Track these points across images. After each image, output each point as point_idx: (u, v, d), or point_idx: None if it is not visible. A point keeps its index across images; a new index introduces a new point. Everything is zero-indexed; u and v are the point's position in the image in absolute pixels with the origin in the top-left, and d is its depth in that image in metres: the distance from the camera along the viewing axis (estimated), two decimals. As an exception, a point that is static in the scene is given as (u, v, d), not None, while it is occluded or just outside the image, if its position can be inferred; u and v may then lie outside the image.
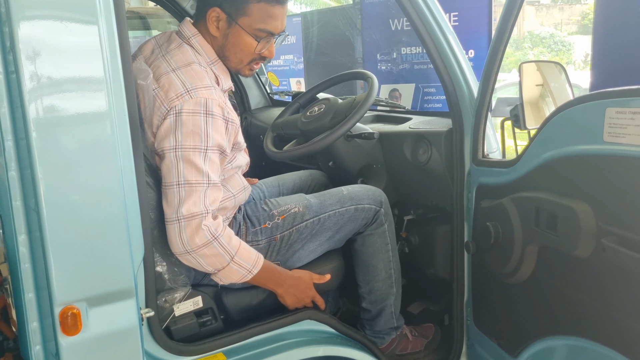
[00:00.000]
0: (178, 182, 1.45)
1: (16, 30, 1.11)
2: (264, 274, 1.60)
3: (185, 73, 1.51)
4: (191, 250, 1.46)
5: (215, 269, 1.52)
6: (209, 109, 1.47)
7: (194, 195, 1.45)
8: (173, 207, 1.45)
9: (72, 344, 1.21)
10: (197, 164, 1.46)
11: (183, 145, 1.45)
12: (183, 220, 1.45)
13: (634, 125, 1.16)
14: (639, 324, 1.20)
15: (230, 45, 1.60)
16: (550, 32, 22.62)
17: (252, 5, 1.55)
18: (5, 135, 1.18)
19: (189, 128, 1.45)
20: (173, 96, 1.46)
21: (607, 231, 1.24)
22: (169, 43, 1.61)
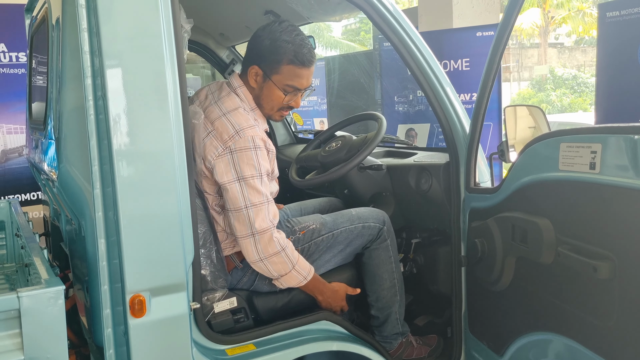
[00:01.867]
0: (246, 205, 1.83)
1: (107, 82, 1.49)
2: (313, 283, 1.98)
3: (233, 116, 1.91)
4: (264, 258, 1.84)
5: (279, 274, 1.90)
6: (256, 144, 1.86)
7: (260, 213, 1.83)
8: (246, 225, 1.83)
9: (138, 324, 1.55)
10: (257, 188, 1.84)
11: (243, 176, 1.83)
12: (257, 234, 1.82)
13: (578, 156, 1.48)
14: (589, 315, 1.49)
15: (264, 95, 2.00)
16: (573, 73, 22.85)
17: (283, 66, 1.94)
18: (93, 161, 1.54)
19: (244, 161, 1.83)
20: (226, 138, 1.85)
21: (562, 241, 1.54)
22: (220, 91, 2.02)
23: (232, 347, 1.80)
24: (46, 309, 1.39)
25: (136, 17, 1.53)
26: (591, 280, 1.45)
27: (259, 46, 1.96)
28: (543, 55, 25.00)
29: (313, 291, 2.02)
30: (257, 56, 1.97)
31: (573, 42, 26.99)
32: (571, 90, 21.81)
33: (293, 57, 1.93)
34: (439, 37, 5.13)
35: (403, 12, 2.07)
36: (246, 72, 2.00)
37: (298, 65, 1.94)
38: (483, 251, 1.89)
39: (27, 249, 2.02)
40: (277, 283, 1.95)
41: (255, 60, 1.97)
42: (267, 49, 1.93)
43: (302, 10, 2.39)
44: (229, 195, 1.85)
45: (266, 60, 1.95)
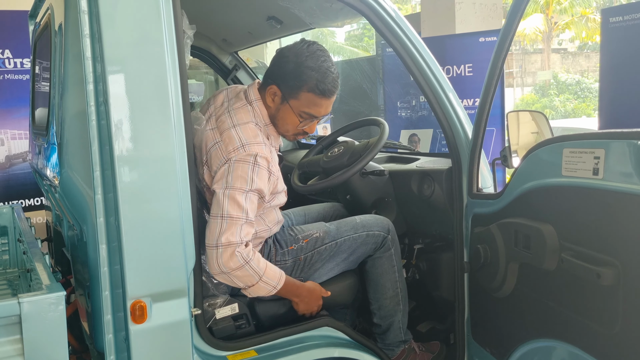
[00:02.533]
0: (222, 214, 1.76)
1: (108, 88, 1.50)
2: (286, 288, 1.91)
3: (243, 129, 1.85)
4: (226, 271, 1.76)
5: (246, 285, 1.83)
6: (257, 161, 1.80)
7: (233, 227, 1.75)
8: (214, 235, 1.75)
9: (139, 330, 1.55)
10: (239, 202, 1.77)
11: (232, 186, 1.77)
12: (221, 247, 1.74)
13: (581, 162, 1.47)
14: (593, 322, 1.48)
15: (279, 117, 1.95)
16: (577, 79, 22.84)
17: (302, 93, 1.89)
18: (94, 166, 1.54)
19: (237, 173, 1.78)
20: (231, 149, 1.81)
21: (566, 247, 1.53)
22: (236, 100, 1.97)
23: (234, 354, 1.80)
24: (47, 314, 1.39)
25: (138, 23, 1.54)
26: (595, 287, 1.44)
27: (282, 67, 1.90)
28: (546, 61, 25.01)
29: (287, 295, 1.95)
30: (278, 76, 1.91)
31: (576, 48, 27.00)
32: (575, 96, 21.81)
33: (314, 86, 1.87)
34: (442, 42, 5.13)
35: (406, 17, 2.07)
36: (265, 89, 1.96)
37: (318, 95, 1.89)
38: (486, 257, 1.88)
39: (29, 254, 2.02)
40: (246, 293, 1.87)
41: (276, 79, 1.92)
42: (290, 71, 1.88)
43: (305, 16, 2.39)
44: (214, 200, 1.80)
45: (287, 83, 1.90)
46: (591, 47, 24.93)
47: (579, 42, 25.84)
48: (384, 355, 2.10)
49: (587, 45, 25.37)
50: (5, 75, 4.72)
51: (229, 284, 1.84)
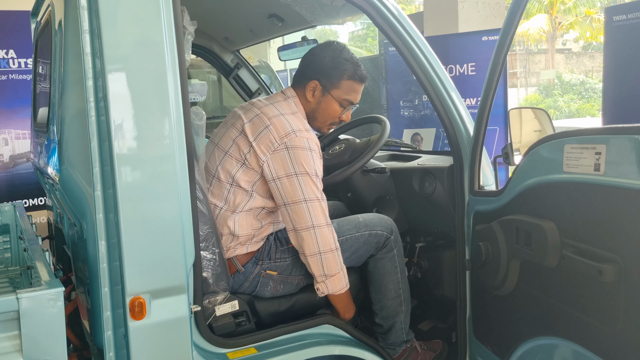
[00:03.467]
0: (304, 198, 1.89)
1: (108, 84, 1.49)
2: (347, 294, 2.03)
3: (291, 118, 1.99)
4: (322, 252, 1.90)
5: (329, 273, 1.93)
6: (311, 146, 1.94)
7: (319, 208, 1.91)
8: (305, 218, 1.89)
9: (138, 327, 1.55)
10: (315, 184, 1.91)
11: (301, 171, 1.89)
12: (317, 227, 1.89)
13: (583, 158, 1.46)
14: (594, 319, 1.46)
15: (321, 109, 2.10)
16: (581, 79, 22.77)
17: (343, 81, 2.07)
18: (94, 163, 1.54)
19: (300, 158, 1.90)
20: (283, 134, 1.92)
21: (567, 244, 1.52)
22: (276, 97, 2.12)
23: (234, 351, 1.79)
24: (45, 310, 1.39)
25: (138, 20, 1.53)
26: (596, 284, 1.43)
27: (319, 63, 2.07)
28: (550, 61, 24.95)
29: (343, 300, 2.04)
30: (316, 72, 2.06)
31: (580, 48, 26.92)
32: (579, 96, 21.74)
33: (353, 73, 2.06)
34: (445, 41, 5.12)
35: (410, 17, 2.07)
36: (303, 86, 2.09)
37: (357, 80, 2.09)
38: (487, 255, 1.87)
39: (29, 251, 2.02)
40: (323, 285, 1.95)
41: (315, 75, 2.07)
42: (328, 65, 2.05)
43: (306, 13, 2.39)
44: (285, 189, 1.91)
45: (327, 76, 2.06)
46: (595, 47, 24.85)
47: (583, 42, 25.75)
48: (385, 354, 2.09)
49: (592, 46, 25.29)
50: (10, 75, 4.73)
51: (315, 268, 1.93)
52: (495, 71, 1.90)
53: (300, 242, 1.92)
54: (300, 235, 1.91)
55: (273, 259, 2.04)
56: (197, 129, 1.83)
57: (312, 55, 2.11)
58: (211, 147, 2.11)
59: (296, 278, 2.07)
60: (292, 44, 2.99)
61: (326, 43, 2.13)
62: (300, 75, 2.12)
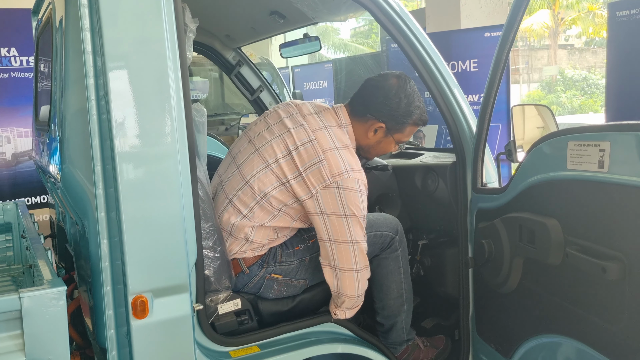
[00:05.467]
0: (352, 240, 1.89)
1: (109, 82, 1.49)
2: None
3: (346, 154, 1.93)
4: (361, 294, 1.96)
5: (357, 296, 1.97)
6: (361, 188, 1.91)
7: (363, 251, 1.93)
8: (351, 260, 1.91)
9: (140, 326, 1.54)
10: (361, 226, 1.91)
11: (352, 213, 1.88)
12: (360, 271, 1.93)
13: (587, 154, 1.45)
14: (598, 317, 1.46)
15: (378, 147, 2.12)
16: (584, 75, 22.70)
17: (408, 128, 2.09)
18: (95, 161, 1.54)
19: (352, 200, 1.87)
20: (336, 172, 1.88)
21: (571, 241, 1.51)
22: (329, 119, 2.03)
23: (236, 349, 1.79)
24: (47, 309, 1.38)
25: (139, 17, 1.53)
26: (600, 282, 1.42)
27: (392, 107, 2.02)
28: (553, 57, 24.87)
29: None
30: (386, 115, 2.02)
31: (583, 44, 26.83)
32: (581, 92, 21.67)
33: (418, 118, 2.08)
34: (447, 38, 5.10)
35: (411, 13, 2.05)
36: (363, 120, 2.04)
37: (420, 126, 2.13)
38: (490, 252, 1.86)
39: (31, 250, 2.02)
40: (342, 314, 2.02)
41: (383, 117, 2.03)
42: (401, 112, 2.03)
43: (308, 10, 2.38)
44: (333, 226, 1.89)
45: (395, 120, 2.04)
46: (598, 43, 24.76)
47: (585, 38, 25.67)
48: (387, 352, 2.09)
49: (594, 41, 25.19)
50: (12, 73, 4.73)
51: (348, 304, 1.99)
52: (498, 68, 1.89)
53: (340, 281, 1.94)
54: (342, 274, 1.93)
55: (278, 262, 2.03)
56: (198, 126, 1.82)
57: (385, 94, 2.02)
58: (249, 147, 2.03)
59: (300, 281, 2.06)
60: (294, 41, 2.99)
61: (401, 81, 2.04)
62: (364, 105, 2.04)
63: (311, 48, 2.92)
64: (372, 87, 2.06)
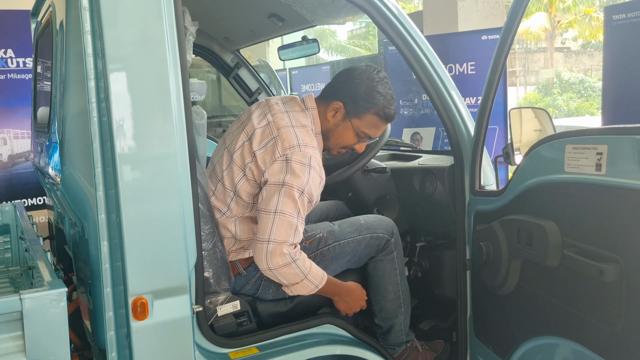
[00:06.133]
0: (276, 210, 1.79)
1: (110, 85, 1.49)
2: (327, 287, 1.94)
3: (301, 132, 1.92)
4: (273, 268, 1.79)
5: (290, 283, 1.86)
6: (311, 163, 1.86)
7: (284, 225, 1.79)
8: (266, 230, 1.79)
9: (140, 327, 1.55)
10: (294, 200, 1.81)
11: (289, 183, 1.81)
12: (272, 243, 1.78)
13: (584, 158, 1.46)
14: (596, 319, 1.47)
15: (336, 132, 2.04)
16: (580, 77, 22.78)
17: (368, 115, 2.00)
18: (96, 163, 1.54)
19: (295, 173, 1.82)
20: (287, 146, 1.86)
21: (568, 244, 1.53)
22: (293, 105, 2.04)
23: (235, 351, 1.79)
24: (48, 310, 1.39)
25: (139, 20, 1.53)
26: (598, 284, 1.43)
27: (352, 87, 1.99)
28: (549, 60, 24.95)
29: (327, 294, 2.00)
30: (345, 94, 2.00)
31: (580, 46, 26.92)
32: (578, 95, 21.74)
33: (381, 109, 1.99)
34: (445, 40, 5.13)
35: (409, 16, 2.06)
36: (327, 103, 2.03)
37: (382, 118, 2.02)
38: (488, 254, 1.87)
39: (30, 251, 2.02)
40: (287, 290, 1.91)
41: (343, 97, 2.00)
42: (361, 93, 1.98)
43: (306, 13, 2.39)
44: (266, 194, 1.84)
45: (354, 103, 1.99)
46: (594, 46, 24.86)
47: (582, 41, 25.75)
48: (386, 353, 2.09)
49: (591, 44, 25.29)
50: (8, 74, 4.72)
51: (275, 280, 1.87)
52: (496, 71, 1.90)
53: (253, 252, 1.84)
54: (254, 245, 1.82)
55: None
56: (198, 128, 1.83)
57: (348, 75, 2.03)
58: (222, 146, 2.07)
59: None
60: (292, 43, 3.00)
61: (369, 68, 2.04)
62: (330, 90, 2.06)
63: (309, 50, 2.93)
64: (340, 73, 2.07)
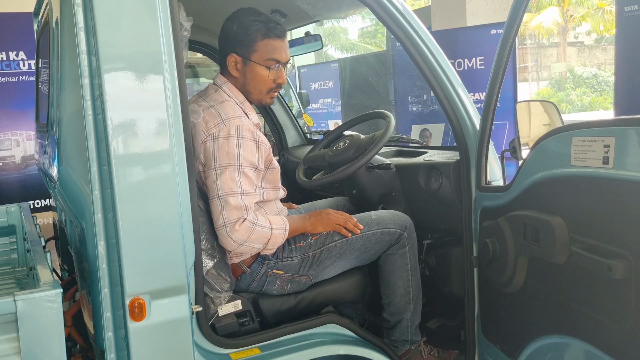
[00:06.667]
0: (218, 194, 1.79)
1: (104, 82, 1.47)
2: (293, 225, 1.96)
3: (220, 107, 1.91)
4: (242, 242, 1.80)
5: (264, 244, 1.86)
6: (240, 134, 1.83)
7: (231, 202, 1.79)
8: (218, 215, 1.79)
9: (138, 328, 1.52)
10: (232, 178, 1.80)
11: (220, 164, 1.81)
12: (228, 224, 1.78)
13: (591, 151, 1.41)
14: (604, 317, 1.42)
15: (249, 80, 1.99)
16: (594, 72, 22.52)
17: (258, 43, 1.95)
18: (91, 162, 1.52)
19: (224, 150, 1.81)
20: (211, 125, 1.85)
21: (576, 240, 1.48)
22: (207, 91, 2.04)
23: (236, 351, 1.77)
24: (43, 312, 1.37)
25: (133, 16, 1.51)
26: (606, 281, 1.38)
27: (229, 34, 1.97)
28: (562, 54, 24.68)
29: (299, 230, 2.00)
30: (230, 44, 1.97)
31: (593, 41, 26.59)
32: (591, 89, 21.50)
33: (266, 31, 1.95)
34: (453, 35, 5.06)
35: (416, 11, 2.03)
36: (225, 65, 2.00)
37: (273, 37, 1.96)
38: (494, 251, 1.83)
39: (32, 252, 2.01)
40: (267, 251, 1.92)
41: (230, 48, 1.97)
42: (237, 33, 1.95)
43: (308, 8, 2.35)
44: (208, 181, 1.84)
45: (240, 44, 1.95)
46: (608, 40, 24.53)
47: (595, 35, 25.44)
48: (391, 353, 2.06)
49: (604, 38, 24.97)
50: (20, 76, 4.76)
51: (250, 252, 1.90)
52: (500, 64, 1.85)
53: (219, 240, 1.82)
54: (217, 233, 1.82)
55: (280, 258, 2.01)
56: (194, 127, 1.80)
57: (222, 32, 2.01)
58: None
59: (304, 277, 2.04)
60: (296, 39, 2.97)
61: (232, 14, 2.01)
62: (220, 55, 2.03)
63: (313, 46, 2.90)
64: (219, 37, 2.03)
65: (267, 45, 1.95)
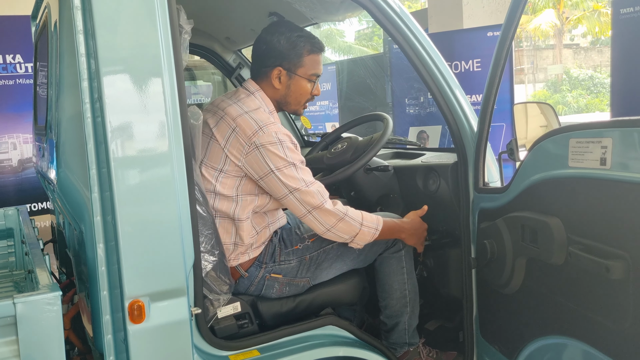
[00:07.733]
0: (290, 190, 1.88)
1: (103, 85, 1.47)
2: (387, 229, 2.02)
3: (256, 114, 1.94)
4: (330, 227, 1.91)
5: (351, 236, 1.95)
6: (280, 138, 1.90)
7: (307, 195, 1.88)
8: (299, 207, 1.89)
9: (137, 330, 1.52)
10: (292, 175, 1.88)
11: (276, 167, 1.87)
12: (314, 210, 1.89)
13: (588, 152, 1.42)
14: (603, 318, 1.43)
15: (292, 92, 2.06)
16: (590, 74, 22.59)
17: (305, 58, 2.04)
18: (90, 165, 1.52)
19: (274, 154, 1.87)
20: (250, 134, 1.89)
21: (574, 240, 1.48)
22: (238, 94, 2.07)
23: (236, 353, 1.77)
24: (42, 315, 1.37)
25: (132, 19, 1.51)
26: (604, 281, 1.39)
27: (274, 48, 2.02)
28: (558, 56, 24.77)
29: (393, 235, 2.07)
30: (276, 58, 2.02)
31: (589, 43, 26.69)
32: (587, 91, 21.57)
33: (311, 46, 2.04)
34: (450, 37, 5.08)
35: (413, 14, 2.04)
36: (266, 76, 2.05)
37: (317, 52, 2.07)
38: (492, 253, 1.84)
39: (30, 255, 2.01)
40: (353, 244, 1.98)
41: (275, 62, 2.02)
42: (285, 47, 2.01)
43: (306, 10, 2.35)
44: (270, 187, 1.91)
45: (287, 58, 2.02)
46: (604, 42, 24.62)
47: (591, 37, 25.53)
48: (390, 355, 2.06)
49: (600, 40, 25.06)
50: (17, 79, 4.75)
51: (336, 239, 1.97)
52: (498, 66, 1.86)
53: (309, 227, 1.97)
54: (304, 221, 1.94)
55: (277, 262, 2.01)
56: (194, 129, 1.80)
57: (264, 44, 2.05)
58: None
59: (302, 280, 2.04)
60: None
61: (272, 26, 2.07)
62: (258, 66, 2.08)
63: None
64: (255, 47, 2.09)
65: (311, 61, 2.06)
